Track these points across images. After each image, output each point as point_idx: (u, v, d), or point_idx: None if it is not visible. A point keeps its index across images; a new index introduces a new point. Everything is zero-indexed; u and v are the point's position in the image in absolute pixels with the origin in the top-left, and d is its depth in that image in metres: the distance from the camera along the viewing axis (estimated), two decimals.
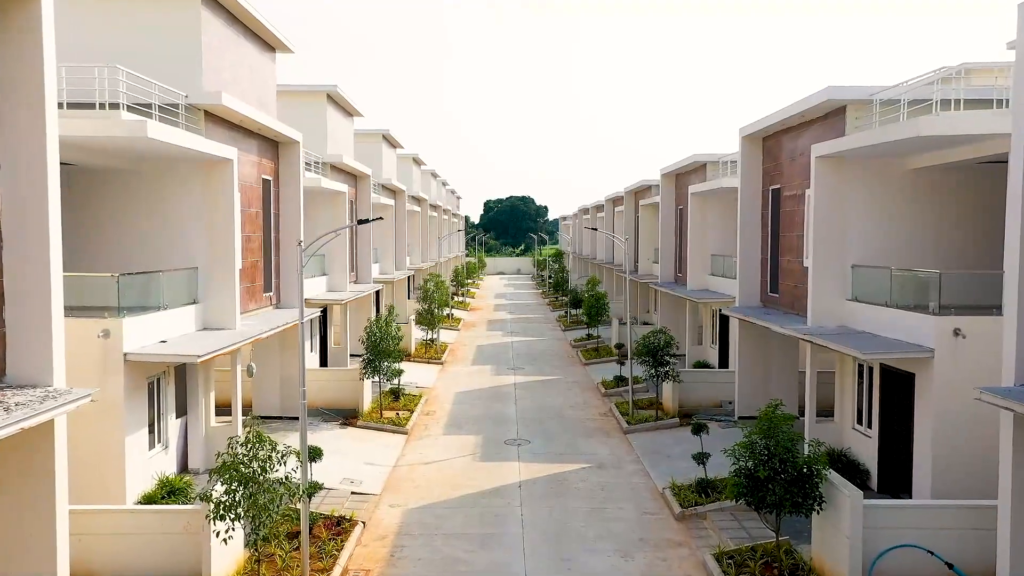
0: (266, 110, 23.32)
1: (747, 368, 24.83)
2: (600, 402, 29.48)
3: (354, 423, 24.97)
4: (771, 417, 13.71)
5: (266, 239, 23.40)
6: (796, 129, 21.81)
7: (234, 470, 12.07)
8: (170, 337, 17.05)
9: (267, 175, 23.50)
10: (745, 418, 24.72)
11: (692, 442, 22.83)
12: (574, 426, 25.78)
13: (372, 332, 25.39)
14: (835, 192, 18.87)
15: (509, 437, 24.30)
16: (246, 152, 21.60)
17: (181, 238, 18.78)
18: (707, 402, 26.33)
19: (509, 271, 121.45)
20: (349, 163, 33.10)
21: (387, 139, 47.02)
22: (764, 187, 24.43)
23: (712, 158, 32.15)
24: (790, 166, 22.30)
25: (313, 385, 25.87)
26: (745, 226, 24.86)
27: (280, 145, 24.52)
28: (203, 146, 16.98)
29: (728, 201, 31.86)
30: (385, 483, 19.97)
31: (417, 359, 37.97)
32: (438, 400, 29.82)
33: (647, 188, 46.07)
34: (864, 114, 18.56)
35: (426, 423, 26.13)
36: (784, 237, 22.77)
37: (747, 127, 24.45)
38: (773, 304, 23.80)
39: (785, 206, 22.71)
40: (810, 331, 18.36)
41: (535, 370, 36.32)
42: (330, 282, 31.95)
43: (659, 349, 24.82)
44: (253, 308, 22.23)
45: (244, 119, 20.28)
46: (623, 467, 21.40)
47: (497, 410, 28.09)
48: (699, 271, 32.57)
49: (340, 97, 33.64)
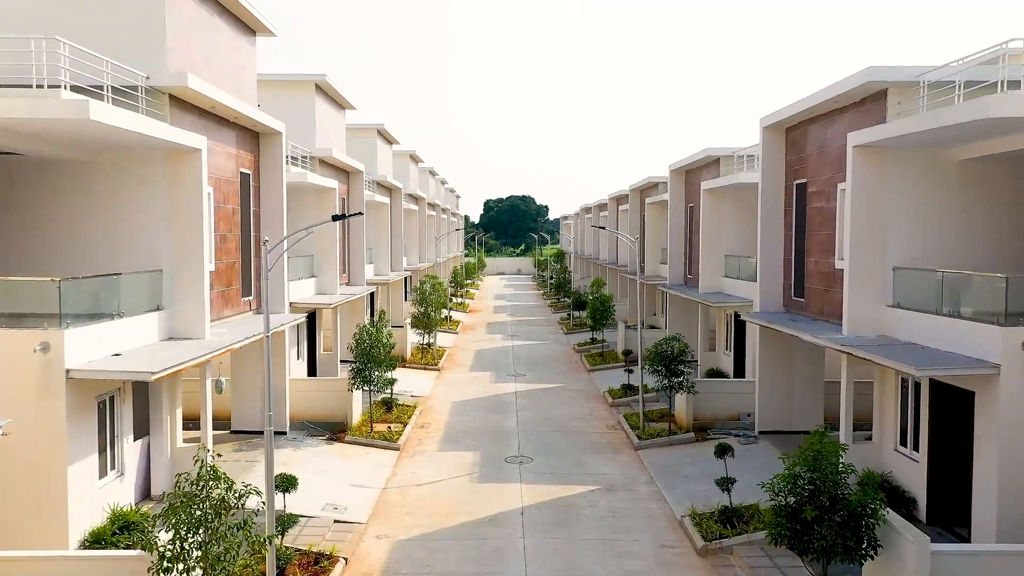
0: (244, 97, 21.34)
1: (769, 378, 22.84)
2: (607, 413, 27.50)
3: (342, 438, 23.00)
4: (818, 446, 11.69)
5: (244, 238, 21.42)
6: (826, 118, 19.82)
7: (182, 513, 10.08)
8: (128, 349, 15.08)
9: (246, 168, 21.53)
10: (767, 433, 22.79)
11: (711, 460, 20.82)
12: (580, 441, 23.80)
13: (362, 339, 23.42)
14: (874, 186, 16.89)
15: (510, 454, 22.32)
16: (220, 143, 19.63)
17: (143, 237, 16.81)
18: (724, 414, 24.35)
19: (509, 271, 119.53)
20: (340, 158, 31.12)
21: (382, 134, 45.05)
22: (787, 182, 22.45)
23: (726, 152, 30.18)
24: (818, 158, 20.32)
25: (298, 397, 23.92)
26: (766, 224, 22.88)
27: (261, 136, 22.54)
28: (163, 132, 15.00)
29: (744, 198, 29.86)
30: (373, 509, 17.99)
31: (413, 365, 35.99)
32: (434, 411, 27.85)
33: (653, 185, 44.09)
34: (907, 98, 16.58)
35: (420, 437, 24.15)
36: (811, 236, 20.80)
37: (768, 117, 22.48)
38: (798, 309, 21.82)
39: (812, 202, 20.73)
40: (848, 342, 16.38)
41: (537, 377, 34.35)
42: (319, 284, 29.97)
43: (673, 357, 22.86)
44: (229, 314, 20.25)
45: (216, 105, 18.31)
46: (635, 489, 19.43)
47: (497, 422, 26.12)
48: (712, 272, 30.59)
49: (330, 87, 31.66)
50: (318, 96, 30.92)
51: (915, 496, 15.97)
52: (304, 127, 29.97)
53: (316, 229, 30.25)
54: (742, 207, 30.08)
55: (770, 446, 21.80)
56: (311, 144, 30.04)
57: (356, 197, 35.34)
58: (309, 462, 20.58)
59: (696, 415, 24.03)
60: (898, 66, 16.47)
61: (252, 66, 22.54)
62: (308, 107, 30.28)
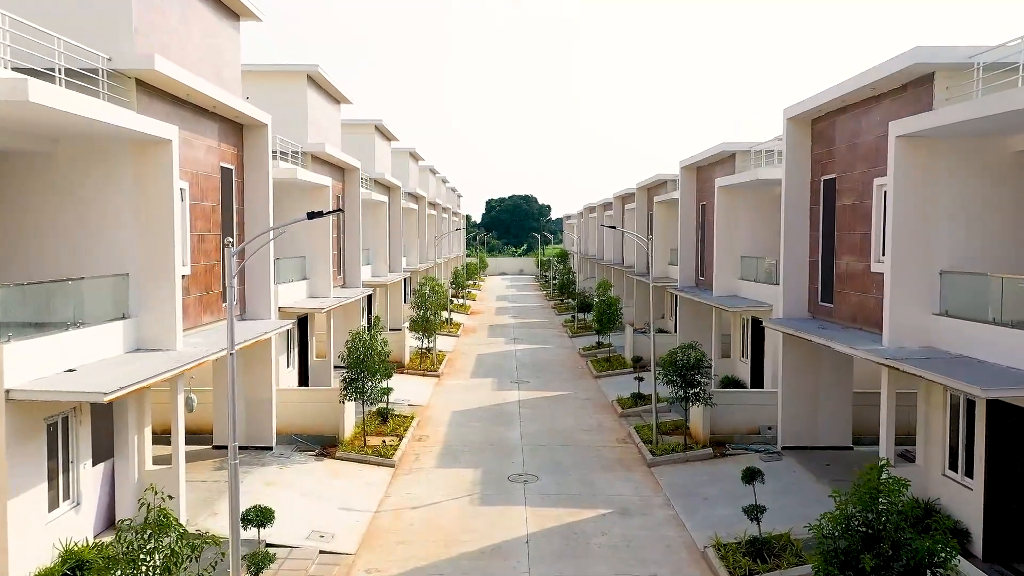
0: (226, 86, 19.69)
1: (792, 389, 21.16)
2: (617, 424, 25.82)
3: (333, 453, 21.33)
4: (876, 482, 9.99)
5: (225, 238, 19.72)
6: (860, 107, 18.13)
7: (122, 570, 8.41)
8: (85, 364, 13.42)
9: (228, 163, 19.87)
10: (791, 448, 21.10)
11: (732, 480, 19.17)
12: (589, 456, 22.12)
13: (354, 347, 21.75)
14: (919, 180, 15.19)
15: (513, 471, 20.63)
16: (198, 134, 17.97)
17: (108, 238, 15.15)
18: (743, 427, 22.65)
19: (511, 271, 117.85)
20: (334, 153, 29.46)
21: (380, 130, 43.36)
22: (814, 177, 20.75)
23: (742, 147, 28.49)
24: (850, 151, 18.63)
25: (286, 408, 22.26)
26: (790, 223, 21.19)
27: (245, 129, 20.88)
28: (123, 120, 13.33)
29: (762, 196, 28.20)
30: (363, 537, 16.32)
31: (411, 371, 34.32)
32: (432, 422, 26.17)
33: (662, 183, 42.40)
34: (956, 82, 14.88)
35: (417, 452, 22.47)
36: (841, 236, 19.10)
37: (793, 108, 20.78)
38: (826, 315, 20.12)
39: (842, 199, 19.04)
40: (893, 355, 14.68)
41: (541, 384, 32.67)
42: (311, 287, 28.31)
43: (689, 366, 21.18)
44: (208, 321, 18.59)
45: (191, 93, 16.65)
46: (651, 513, 17.75)
47: (499, 435, 24.44)
48: (727, 274, 28.89)
49: (323, 79, 29.99)
50: (310, 88, 29.25)
51: (968, 528, 14.27)
52: (295, 121, 28.31)
53: (309, 229, 28.65)
54: (759, 205, 28.41)
55: (795, 464, 20.11)
56: (302, 139, 28.38)
57: (352, 195, 33.68)
58: (295, 482, 18.92)
59: (713, 428, 22.36)
60: (947, 46, 14.77)
61: (235, 53, 20.88)
62: (299, 100, 28.60)
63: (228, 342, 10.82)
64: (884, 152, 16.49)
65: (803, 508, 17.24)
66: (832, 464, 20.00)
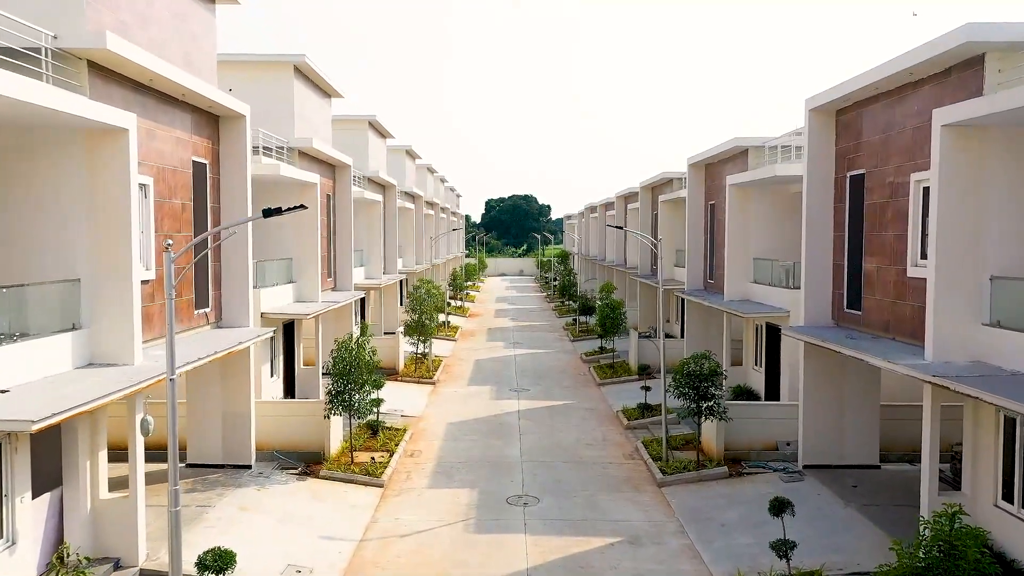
0: (199, 73, 18.05)
1: (815, 403, 19.52)
2: (623, 438, 24.17)
3: (317, 471, 19.70)
4: (949, 535, 8.34)
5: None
6: (894, 95, 16.48)
7: None
8: (27, 382, 11.78)
9: (201, 157, 18.23)
10: (813, 467, 19.46)
11: (751, 504, 17.57)
12: (594, 475, 20.47)
13: (339, 357, 20.10)
14: (969, 175, 13.55)
15: (512, 493, 18.98)
16: (165, 124, 16.33)
17: (56, 239, 13.52)
18: (759, 443, 21.00)
19: (511, 272, 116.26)
20: (322, 149, 27.81)
21: (374, 127, 41.71)
22: (838, 173, 19.11)
23: (756, 142, 26.84)
24: (882, 144, 16.98)
25: (267, 423, 20.62)
26: (812, 223, 19.54)
27: (221, 120, 19.24)
28: (67, 105, 11.67)
29: (777, 194, 26.59)
30: (344, 572, 14.66)
31: (405, 378, 32.69)
32: (425, 435, 24.52)
33: (667, 182, 40.78)
34: (1009, 64, 13.24)
35: (408, 470, 20.82)
36: (871, 237, 17.46)
37: (816, 98, 19.15)
38: (853, 323, 18.48)
39: (873, 197, 17.40)
40: (940, 371, 13.02)
41: (542, 392, 31.03)
42: (298, 291, 26.67)
43: (703, 377, 19.54)
44: (177, 330, 16.87)
45: (155, 78, 15.00)
46: (664, 542, 16.09)
47: (497, 450, 22.79)
48: (739, 278, 27.25)
49: (311, 71, 28.34)
50: (297, 80, 27.60)
51: None
52: (281, 114, 26.69)
53: (296, 228, 27.02)
54: (774, 204, 26.81)
55: (819, 485, 18.47)
56: (289, 134, 26.74)
57: (343, 193, 32.05)
58: (273, 506, 17.27)
59: (728, 444, 20.72)
60: (1000, 23, 13.12)
61: (210, 38, 19.24)
62: (286, 92, 26.97)
63: (168, 365, 9.18)
64: (924, 144, 14.88)
65: (832, 537, 15.64)
66: (860, 485, 18.36)
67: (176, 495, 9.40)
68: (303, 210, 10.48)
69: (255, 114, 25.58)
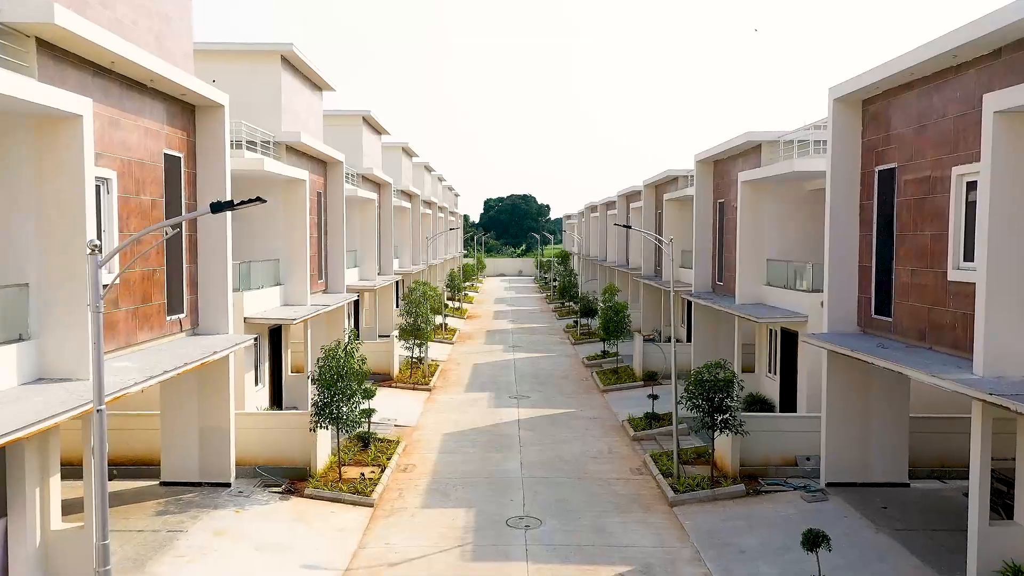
0: (171, 58, 16.59)
1: (838, 416, 18.09)
2: (629, 450, 22.72)
3: (302, 489, 18.26)
4: None
5: (172, 241, 16.66)
6: (933, 80, 15.04)
7: None
8: None
9: (174, 150, 16.77)
10: (837, 486, 18.03)
11: (771, 526, 16.16)
12: (600, 492, 19.02)
13: (325, 368, 18.64)
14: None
15: (513, 514, 17.53)
16: (131, 113, 14.87)
17: (1, 239, 12.03)
18: (776, 458, 19.58)
19: (510, 272, 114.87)
20: (311, 144, 26.36)
21: (368, 122, 40.26)
22: (866, 168, 17.68)
23: (770, 136, 25.42)
24: (917, 135, 15.54)
25: (249, 436, 19.18)
26: (836, 222, 18.11)
27: (197, 111, 17.79)
28: (3, 85, 10.20)
29: (793, 191, 25.18)
30: None
31: (400, 384, 31.25)
32: (420, 446, 23.07)
33: (672, 180, 39.36)
34: None
35: (400, 487, 19.37)
36: (904, 237, 16.02)
37: (841, 87, 17.72)
38: (882, 330, 17.04)
39: (906, 193, 15.96)
40: (994, 388, 11.57)
41: (543, 399, 29.59)
42: (286, 294, 25.24)
43: (718, 387, 18.11)
44: (146, 339, 15.47)
45: (117, 60, 13.55)
46: (679, 572, 14.63)
47: (496, 464, 21.34)
48: (751, 280, 25.83)
49: (300, 62, 26.89)
50: (285, 71, 26.15)
51: None
52: (267, 107, 25.25)
53: (284, 228, 25.60)
54: (789, 202, 25.42)
55: (846, 506, 17.03)
56: (276, 127, 25.30)
57: (335, 191, 30.61)
58: (252, 531, 15.81)
59: (743, 458, 19.30)
60: None
61: (185, 21, 17.77)
62: (272, 83, 25.51)
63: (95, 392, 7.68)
64: (968, 134, 13.46)
65: (867, 568, 14.21)
66: (889, 506, 16.93)
67: (104, 552, 7.91)
68: (263, 203, 9.02)
69: (240, 106, 24.19)
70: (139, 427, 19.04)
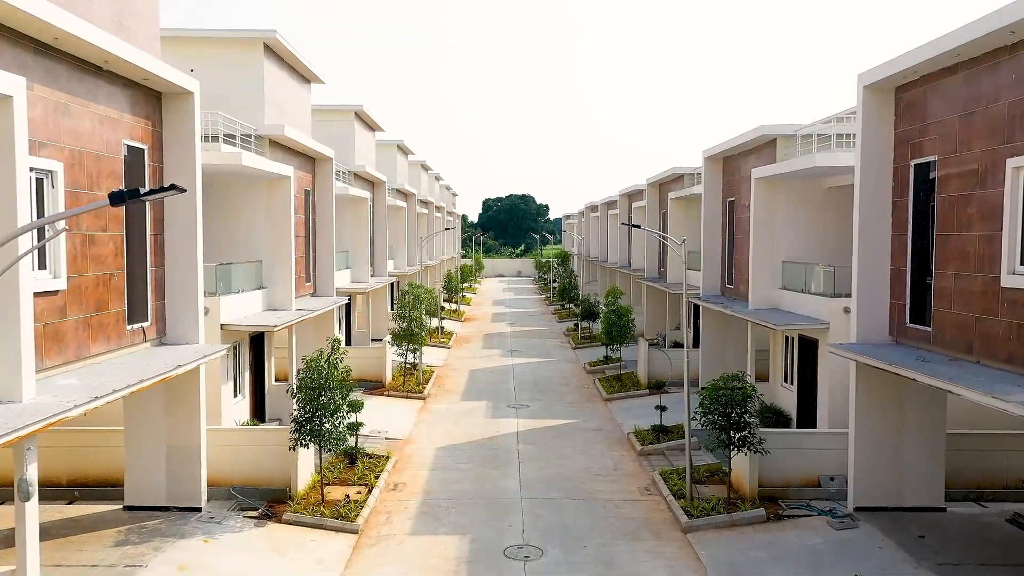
0: (132, 38, 14.98)
1: (868, 433, 16.51)
2: (637, 467, 21.12)
3: (281, 513, 16.66)
4: None
5: (133, 240, 15.05)
6: (982, 62, 13.43)
7: None
8: None
9: (137, 141, 15.16)
10: (867, 510, 16.45)
11: (799, 557, 14.58)
12: (607, 516, 17.41)
13: (305, 380, 17.02)
14: None
15: (511, 542, 15.91)
16: (83, 99, 13.27)
17: None
18: (797, 477, 17.98)
19: (509, 273, 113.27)
20: (297, 138, 24.77)
21: (361, 117, 38.65)
22: (900, 162, 16.09)
23: (786, 130, 23.84)
24: (963, 125, 13.96)
25: (223, 455, 17.58)
26: (866, 221, 16.52)
27: (164, 98, 16.17)
28: None
29: (811, 188, 23.63)
30: None
31: (393, 393, 29.64)
32: (412, 462, 21.47)
33: (678, 178, 37.81)
34: None
35: (389, 510, 17.76)
36: (946, 238, 14.43)
37: (871, 72, 16.13)
38: (918, 341, 15.45)
39: (948, 188, 14.37)
40: None
41: (543, 409, 27.99)
42: (269, 298, 23.64)
43: (736, 403, 16.52)
44: (99, 352, 13.86)
45: (61, 36, 11.93)
46: None
47: (493, 482, 19.74)
48: (765, 283, 24.24)
49: (285, 50, 25.28)
50: (268, 60, 24.53)
51: None
52: (249, 98, 23.65)
53: (267, 227, 24.01)
54: (807, 200, 23.86)
55: (879, 534, 15.43)
56: (259, 120, 23.69)
57: (324, 189, 29.03)
58: (220, 564, 14.19)
59: (761, 478, 17.70)
60: None
61: (150, 1, 16.15)
62: (254, 73, 23.90)
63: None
64: None
65: None
66: (928, 535, 15.34)
67: None
68: (181, 192, 7.46)
69: (219, 98, 22.61)
70: (102, 444, 17.45)
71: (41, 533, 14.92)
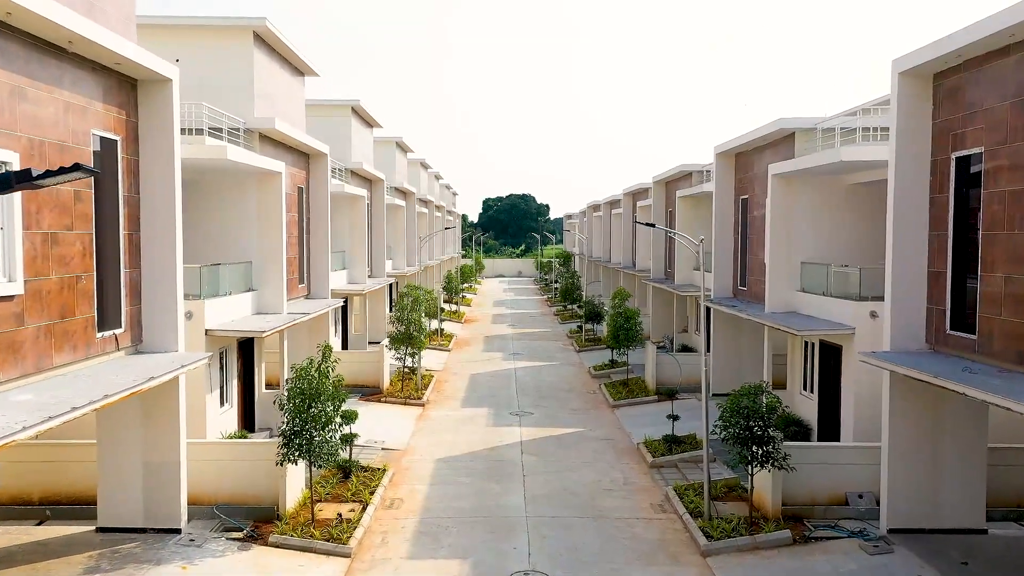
0: (105, 21, 13.72)
1: (903, 448, 15.25)
2: (648, 480, 19.86)
3: (267, 534, 15.39)
4: None
5: (104, 240, 13.77)
6: None
7: None
8: None
9: (109, 132, 13.90)
10: (901, 532, 15.17)
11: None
12: (618, 536, 16.14)
13: (294, 391, 15.75)
14: None
15: (516, 568, 14.63)
16: (44, 83, 12.02)
17: None
18: (824, 495, 16.72)
19: (509, 273, 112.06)
20: (291, 133, 23.53)
21: (358, 113, 37.39)
22: (939, 155, 14.83)
23: (806, 123, 22.59)
24: (1015, 113, 12.70)
25: (205, 470, 16.32)
26: (902, 219, 15.26)
27: (140, 85, 14.91)
28: None
29: (831, 185, 22.42)
30: None
31: (391, 399, 28.38)
32: (409, 476, 20.20)
33: (686, 176, 36.57)
34: None
35: (384, 529, 16.49)
36: (994, 237, 13.17)
37: (907, 58, 14.88)
38: (961, 349, 14.20)
39: (996, 183, 13.12)
40: None
41: (547, 416, 26.74)
42: (259, 301, 22.39)
43: (759, 416, 15.27)
44: (64, 362, 12.59)
45: (13, 11, 10.66)
46: None
47: (496, 498, 18.48)
48: (782, 286, 22.98)
49: (276, 40, 24.02)
50: (259, 50, 23.27)
51: None
52: (237, 89, 22.40)
53: (257, 226, 22.76)
54: (826, 198, 22.62)
55: (917, 560, 14.16)
56: (248, 113, 22.43)
57: (319, 186, 27.83)
58: None
59: (785, 495, 16.44)
60: None
61: None
62: (243, 63, 22.64)
63: None
64: None
65: None
66: (971, 561, 14.07)
67: None
68: (88, 176, 6.24)
69: (207, 89, 21.39)
70: (77, 458, 16.20)
71: (6, 557, 13.78)
